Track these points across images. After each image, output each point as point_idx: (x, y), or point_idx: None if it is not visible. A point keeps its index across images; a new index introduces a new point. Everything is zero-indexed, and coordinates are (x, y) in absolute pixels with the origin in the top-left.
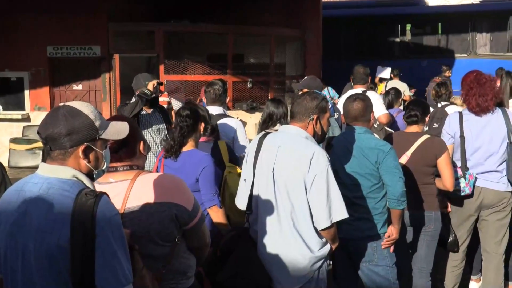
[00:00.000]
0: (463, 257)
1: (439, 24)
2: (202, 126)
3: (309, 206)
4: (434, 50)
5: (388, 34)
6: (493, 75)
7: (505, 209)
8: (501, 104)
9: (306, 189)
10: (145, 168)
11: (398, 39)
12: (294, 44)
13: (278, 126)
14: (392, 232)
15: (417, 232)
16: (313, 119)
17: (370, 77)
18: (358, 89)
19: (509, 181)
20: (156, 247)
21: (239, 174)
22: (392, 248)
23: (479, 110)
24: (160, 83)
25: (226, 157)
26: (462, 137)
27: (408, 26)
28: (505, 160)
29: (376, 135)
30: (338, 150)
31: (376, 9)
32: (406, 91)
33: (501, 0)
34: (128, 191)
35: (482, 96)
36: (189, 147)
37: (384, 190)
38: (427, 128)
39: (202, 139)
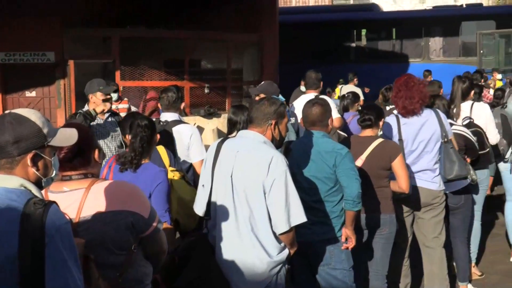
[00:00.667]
0: (407, 255)
1: (394, 29)
2: (157, 137)
3: (268, 210)
4: (388, 54)
5: (344, 39)
6: (447, 78)
7: (439, 206)
8: (435, 106)
9: (264, 193)
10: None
11: (354, 44)
12: (251, 49)
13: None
14: (347, 234)
15: (373, 235)
16: (271, 124)
17: (322, 82)
18: (311, 94)
19: (445, 180)
20: (112, 256)
21: (181, 178)
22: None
23: (405, 112)
24: (115, 90)
25: (167, 161)
26: (400, 140)
27: (364, 31)
28: (439, 160)
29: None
30: (296, 154)
31: (332, 14)
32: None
33: (452, 6)
34: (83, 200)
35: (409, 99)
36: (145, 159)
37: (341, 193)
38: (381, 132)
39: None
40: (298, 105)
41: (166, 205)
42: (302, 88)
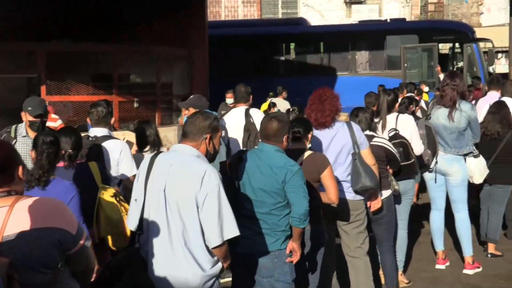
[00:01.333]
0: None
1: (321, 43)
2: (62, 153)
3: (201, 224)
4: (317, 68)
5: (274, 53)
6: (373, 91)
7: (359, 216)
8: (358, 119)
9: (197, 207)
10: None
11: (283, 58)
12: (181, 63)
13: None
14: (293, 247)
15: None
16: (206, 138)
17: (252, 96)
18: (241, 108)
19: (355, 191)
20: (37, 275)
21: (113, 195)
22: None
23: (317, 124)
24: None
25: (99, 178)
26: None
27: (292, 45)
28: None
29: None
30: (247, 165)
31: (261, 28)
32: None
33: (377, 21)
34: (6, 218)
35: (320, 111)
36: (53, 175)
37: (288, 208)
38: (310, 145)
39: (60, 164)
40: (228, 118)
41: (81, 218)
42: (228, 100)
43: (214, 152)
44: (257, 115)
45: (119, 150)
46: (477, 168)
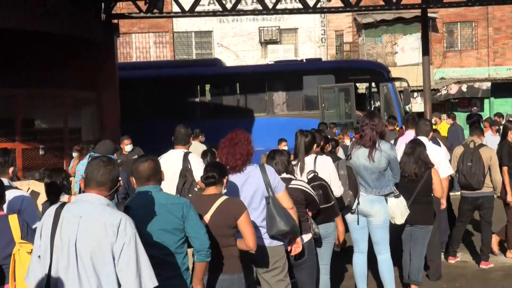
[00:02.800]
0: None
1: (237, 84)
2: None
3: (117, 277)
4: (234, 110)
5: (188, 95)
6: (291, 132)
7: (278, 263)
8: (274, 161)
9: (114, 259)
10: None
11: (198, 100)
12: (90, 106)
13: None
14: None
15: None
16: (119, 186)
17: (191, 137)
18: (179, 150)
19: (271, 236)
20: None
21: (31, 251)
22: None
23: (228, 168)
24: None
25: (18, 233)
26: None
27: (207, 87)
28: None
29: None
30: (137, 211)
31: (174, 69)
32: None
33: (293, 61)
34: None
35: (231, 155)
36: None
37: (186, 245)
38: (225, 190)
39: None
40: (164, 161)
41: None
42: (127, 148)
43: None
44: (196, 161)
45: (19, 202)
46: (398, 208)
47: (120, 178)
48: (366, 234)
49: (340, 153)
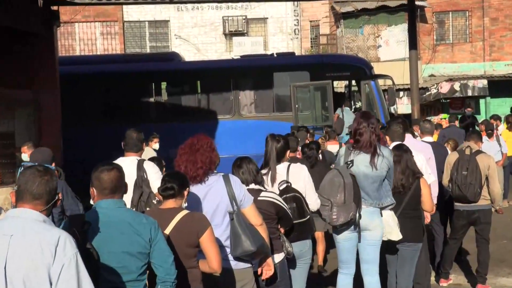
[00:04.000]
0: None
1: (198, 82)
2: None
3: None
4: (194, 111)
5: (141, 95)
6: (260, 137)
7: (246, 286)
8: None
9: (51, 284)
10: None
11: (152, 100)
12: (26, 108)
13: None
14: None
15: None
16: (57, 200)
17: (144, 143)
18: (131, 158)
19: (236, 257)
20: None
21: None
22: None
23: (189, 178)
24: None
25: None
26: None
27: (163, 85)
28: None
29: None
30: (97, 228)
31: (125, 65)
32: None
33: (263, 55)
34: None
35: (191, 163)
36: None
37: (146, 272)
38: (186, 204)
39: None
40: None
41: None
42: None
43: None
44: (152, 170)
45: None
46: (395, 222)
47: (58, 191)
48: (355, 253)
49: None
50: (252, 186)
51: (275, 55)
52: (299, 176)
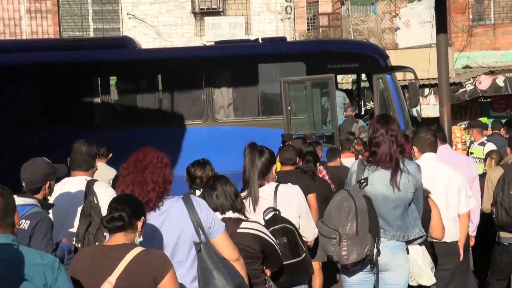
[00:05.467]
0: None
1: (159, 76)
2: None
3: None
4: (154, 115)
5: (82, 93)
6: (241, 149)
7: None
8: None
9: None
10: None
11: (99, 99)
12: None
13: None
14: None
15: None
16: None
17: (97, 159)
18: (79, 178)
19: None
20: None
21: None
22: None
23: None
24: None
25: None
26: None
27: (113, 80)
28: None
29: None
30: None
31: (59, 53)
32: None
33: (244, 41)
34: None
35: (139, 185)
36: None
37: None
38: (140, 239)
39: None
40: (58, 197)
41: None
42: None
43: None
44: (105, 193)
45: None
46: (426, 262)
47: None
48: None
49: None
50: (230, 214)
51: (260, 41)
52: (290, 201)
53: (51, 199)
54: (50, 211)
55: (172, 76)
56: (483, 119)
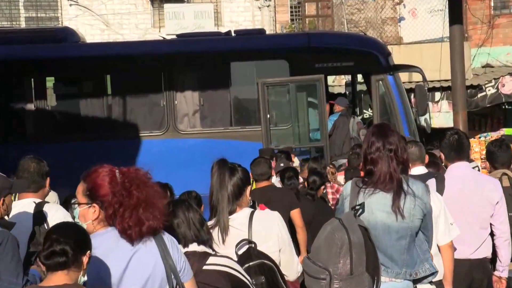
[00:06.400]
0: None
1: (108, 77)
2: None
3: None
4: (99, 125)
5: (12, 96)
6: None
7: None
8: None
9: None
10: None
11: (31, 106)
12: None
13: None
14: None
15: None
16: None
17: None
18: (29, 200)
19: None
20: None
21: None
22: None
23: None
24: None
25: None
26: None
27: (50, 81)
28: None
29: None
30: None
31: None
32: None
33: (213, 34)
34: None
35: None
36: None
37: None
38: (85, 278)
39: None
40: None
41: None
42: None
43: None
44: (56, 215)
45: None
46: None
47: None
48: None
49: None
50: (194, 247)
51: (233, 34)
52: (269, 231)
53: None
54: None
55: (124, 76)
56: (508, 131)
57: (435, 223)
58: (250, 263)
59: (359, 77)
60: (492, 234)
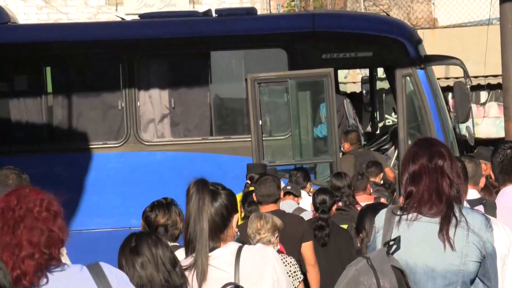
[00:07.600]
0: None
1: (47, 69)
2: None
3: None
4: (37, 132)
5: None
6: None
7: None
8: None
9: None
10: None
11: None
12: None
13: None
14: None
15: None
16: None
17: None
18: None
19: None
20: None
21: None
22: None
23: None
24: None
25: None
26: None
27: None
28: None
29: None
30: None
31: None
32: None
33: (189, 15)
34: None
35: (10, 251)
36: None
37: None
38: None
39: None
40: None
41: None
42: None
43: None
44: None
45: None
46: None
47: None
48: None
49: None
50: None
51: (214, 15)
52: (261, 272)
53: None
54: None
55: (68, 70)
56: None
57: (501, 268)
58: None
59: (380, 72)
60: None
